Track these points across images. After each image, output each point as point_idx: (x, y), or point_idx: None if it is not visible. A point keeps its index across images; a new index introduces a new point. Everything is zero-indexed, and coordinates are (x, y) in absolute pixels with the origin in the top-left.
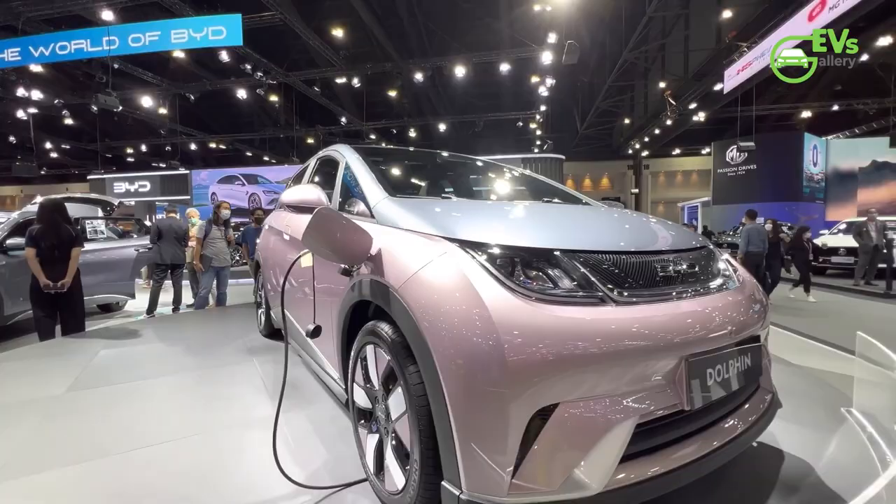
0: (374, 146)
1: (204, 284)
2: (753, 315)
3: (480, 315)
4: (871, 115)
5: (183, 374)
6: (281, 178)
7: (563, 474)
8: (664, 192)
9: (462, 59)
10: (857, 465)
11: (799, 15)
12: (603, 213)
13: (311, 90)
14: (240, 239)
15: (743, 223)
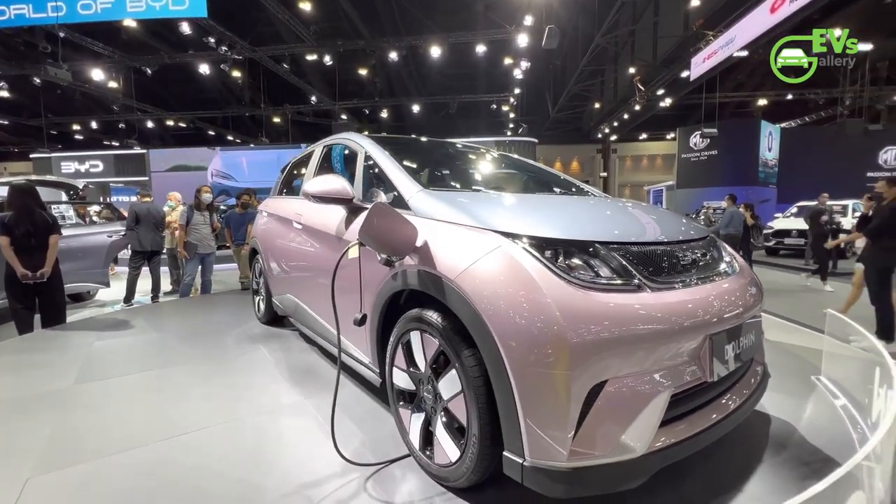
0: (387, 136)
1: (188, 272)
2: (755, 295)
3: (541, 303)
4: (821, 105)
5: (192, 364)
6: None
7: (613, 440)
8: (631, 175)
9: (436, 38)
10: (830, 424)
11: (761, 7)
12: (625, 206)
13: (279, 67)
14: (223, 224)
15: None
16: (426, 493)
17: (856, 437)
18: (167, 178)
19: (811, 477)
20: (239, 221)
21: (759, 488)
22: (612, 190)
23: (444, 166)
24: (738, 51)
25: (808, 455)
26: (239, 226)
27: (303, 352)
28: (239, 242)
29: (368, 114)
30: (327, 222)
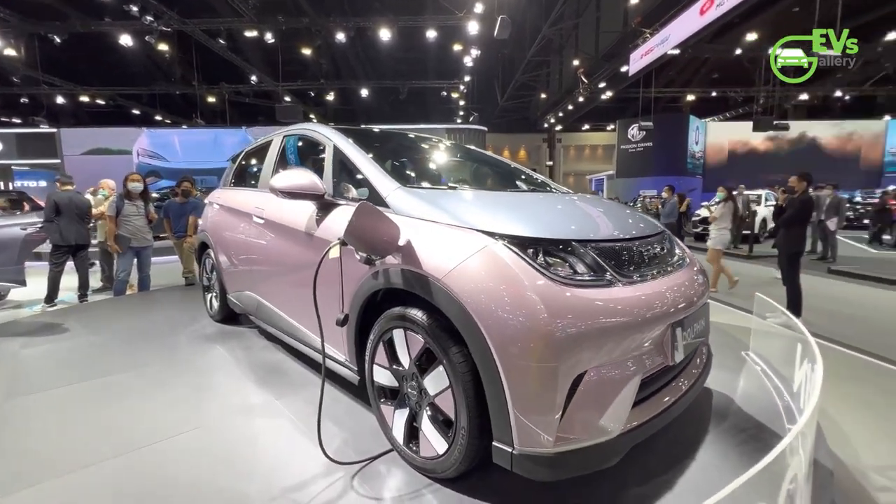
0: (352, 127)
1: (122, 267)
2: (703, 283)
3: (529, 300)
4: (740, 102)
5: (142, 369)
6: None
7: (592, 425)
8: (574, 164)
9: (385, 21)
10: (760, 394)
11: (691, 9)
12: (591, 204)
13: (214, 42)
14: (161, 214)
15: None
16: (413, 485)
17: (780, 405)
18: (85, 162)
19: (750, 442)
20: (179, 211)
21: (708, 456)
22: (557, 178)
23: (412, 160)
24: (671, 49)
25: (744, 423)
26: (179, 216)
27: (265, 350)
28: (180, 234)
29: (314, 96)
30: (295, 218)
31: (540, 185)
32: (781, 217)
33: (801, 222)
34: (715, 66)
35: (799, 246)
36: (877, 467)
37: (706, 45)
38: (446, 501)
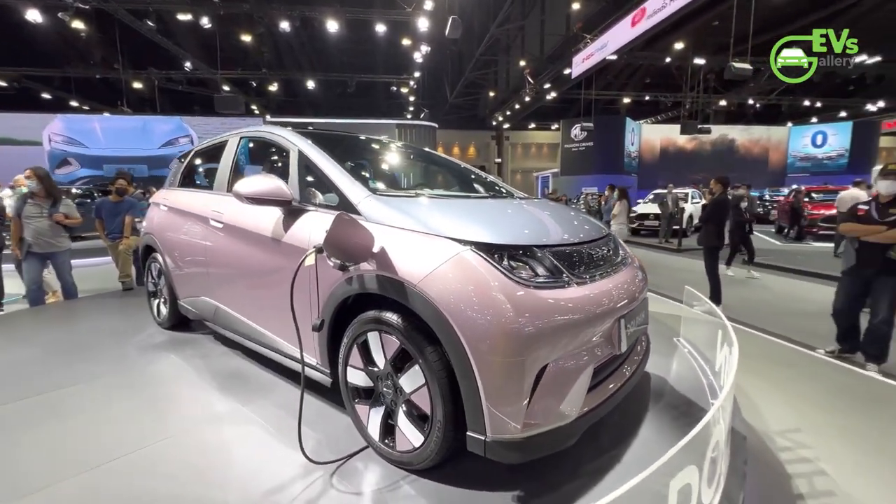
0: (314, 131)
1: (27, 277)
2: (643, 279)
3: (499, 303)
4: (669, 106)
5: (90, 383)
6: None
7: (554, 411)
8: (521, 162)
9: (331, 12)
10: (689, 374)
11: (624, 20)
12: (547, 209)
13: (140, 24)
14: (93, 214)
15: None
16: (391, 478)
17: (705, 383)
18: None
19: (682, 417)
20: (113, 211)
21: (649, 432)
22: (505, 176)
23: (376, 164)
24: (609, 55)
25: (677, 400)
26: (114, 216)
27: (224, 356)
28: (115, 236)
29: (256, 86)
30: (260, 224)
31: (496, 189)
32: (700, 216)
33: (717, 221)
34: (648, 72)
35: (716, 241)
36: (779, 431)
37: (639, 52)
38: (423, 490)
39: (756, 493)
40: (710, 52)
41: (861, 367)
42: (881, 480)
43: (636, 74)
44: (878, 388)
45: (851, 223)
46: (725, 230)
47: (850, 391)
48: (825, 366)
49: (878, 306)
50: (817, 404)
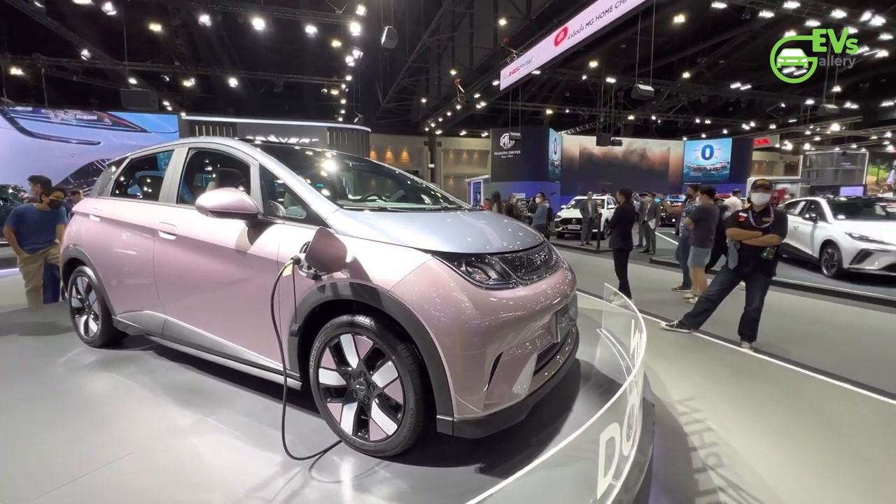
0: (270, 145)
1: None
2: (573, 279)
3: (462, 303)
4: (586, 119)
5: (21, 408)
6: None
7: (507, 391)
8: (454, 168)
9: (256, 9)
10: (610, 359)
11: (547, 39)
12: (492, 221)
13: (25, 4)
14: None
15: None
16: (366, 466)
17: (623, 366)
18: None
19: (606, 393)
20: (39, 221)
21: (581, 406)
22: (438, 181)
23: (330, 176)
24: (534, 70)
25: (601, 380)
26: (40, 227)
27: (173, 371)
28: (38, 247)
29: (169, 81)
30: (221, 236)
31: (448, 202)
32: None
33: (622, 226)
34: (567, 87)
35: (622, 244)
36: (678, 400)
37: (560, 69)
38: (398, 472)
39: (661, 446)
40: (620, 71)
41: (737, 345)
42: (755, 431)
43: (557, 88)
44: (750, 362)
45: (735, 228)
46: (632, 234)
47: (731, 365)
48: (713, 347)
49: (753, 297)
50: (706, 377)
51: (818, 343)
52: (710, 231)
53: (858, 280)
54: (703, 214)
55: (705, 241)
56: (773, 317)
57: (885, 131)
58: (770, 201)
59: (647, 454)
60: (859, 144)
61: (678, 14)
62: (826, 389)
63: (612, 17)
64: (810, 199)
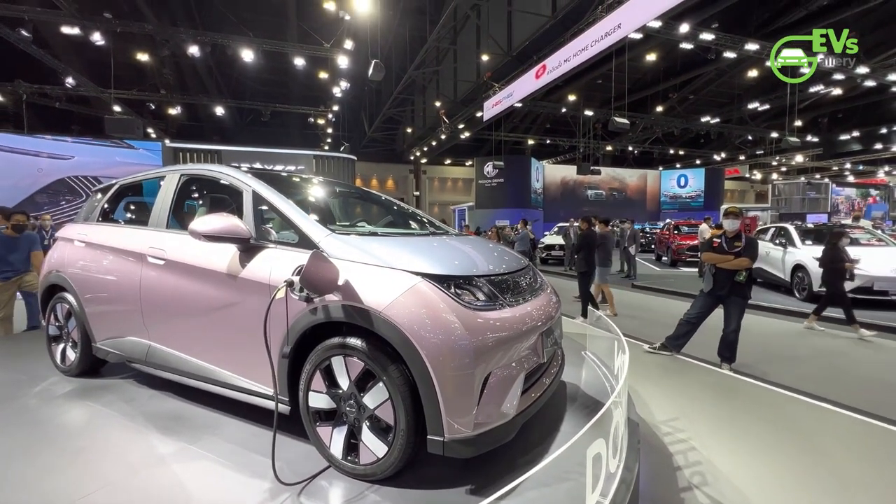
0: (263, 171)
1: None
2: (557, 302)
3: (452, 324)
4: (567, 149)
5: (3, 437)
6: None
7: (496, 411)
8: (439, 195)
9: (244, 41)
10: (595, 380)
11: (528, 74)
12: (478, 245)
13: (11, 32)
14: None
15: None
16: (356, 490)
17: (608, 387)
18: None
19: (593, 413)
20: (9, 246)
21: (568, 426)
22: (424, 208)
23: (320, 202)
24: (516, 102)
25: (587, 400)
26: (10, 252)
27: (154, 399)
28: (8, 275)
29: (154, 108)
30: (213, 260)
31: (434, 226)
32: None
33: (586, 251)
34: (547, 118)
35: (585, 268)
36: (662, 421)
37: (540, 101)
38: (388, 496)
39: (647, 465)
40: (597, 104)
41: (717, 367)
42: (737, 450)
43: (538, 120)
44: (730, 382)
45: (709, 253)
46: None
47: (712, 386)
48: (694, 368)
49: (730, 319)
50: (689, 397)
51: (794, 364)
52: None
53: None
54: (583, 241)
55: (606, 261)
56: (750, 338)
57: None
58: (741, 227)
59: (634, 472)
60: (822, 174)
61: (649, 53)
62: (804, 408)
63: (587, 55)
64: (779, 225)
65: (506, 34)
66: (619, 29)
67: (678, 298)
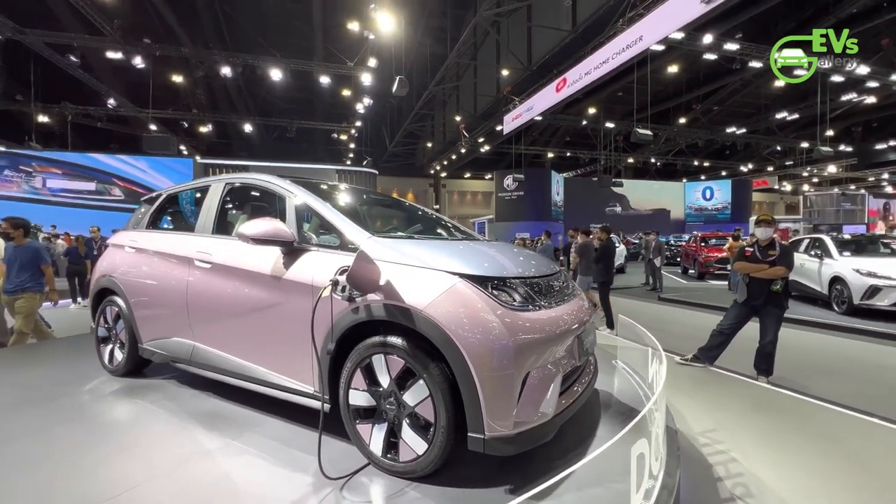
0: (305, 180)
1: None
2: (590, 308)
3: (492, 323)
4: (587, 162)
5: (58, 430)
6: None
7: (536, 410)
8: (458, 208)
9: (273, 62)
10: (629, 389)
11: (549, 87)
12: (509, 249)
13: (61, 58)
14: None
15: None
16: (396, 486)
17: (641, 394)
18: None
19: (628, 419)
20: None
21: (604, 431)
22: None
23: (357, 210)
24: (536, 116)
25: (621, 407)
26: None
27: (195, 398)
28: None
29: (187, 126)
30: (257, 263)
31: (465, 233)
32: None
33: (605, 261)
34: (567, 131)
35: (605, 277)
36: (699, 432)
37: (560, 114)
38: (429, 493)
39: (687, 475)
40: (618, 117)
41: (753, 379)
42: (781, 462)
43: (558, 133)
44: (768, 395)
45: (742, 262)
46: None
47: (749, 398)
48: (729, 380)
49: (766, 331)
50: (726, 409)
51: (837, 378)
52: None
53: (870, 316)
54: (603, 252)
55: (587, 270)
56: (787, 352)
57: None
58: (776, 236)
59: (675, 478)
60: (857, 185)
61: (671, 64)
62: (852, 423)
63: (608, 67)
64: (814, 236)
65: (525, 49)
66: (640, 41)
67: (707, 311)
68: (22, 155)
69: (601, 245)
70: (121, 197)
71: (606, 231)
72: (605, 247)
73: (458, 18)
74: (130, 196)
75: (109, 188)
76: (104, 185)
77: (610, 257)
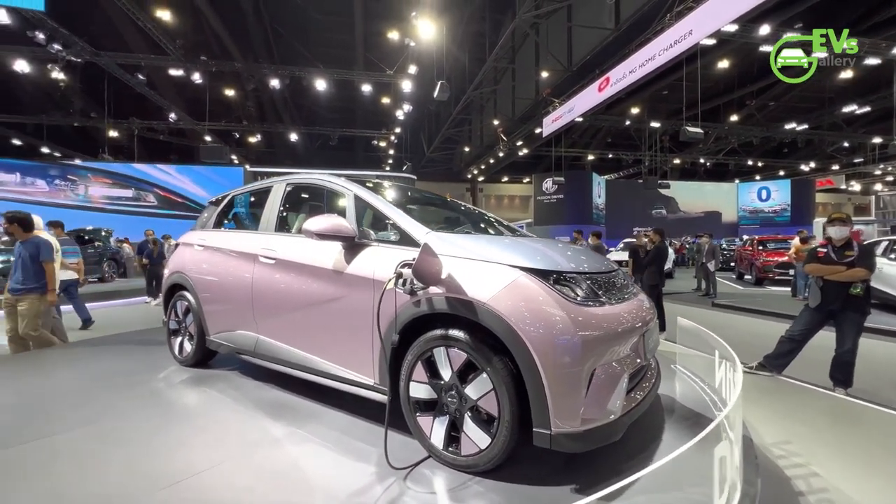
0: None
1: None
2: (651, 307)
3: (557, 317)
4: (630, 164)
5: (129, 415)
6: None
7: (603, 409)
8: (495, 212)
9: (318, 73)
10: (693, 393)
11: (591, 87)
12: (568, 247)
13: (130, 77)
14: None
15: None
16: (459, 479)
17: (707, 399)
18: None
19: (695, 426)
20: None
21: (670, 435)
22: None
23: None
24: (576, 117)
25: (685, 412)
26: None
27: (259, 389)
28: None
29: (238, 137)
30: (320, 258)
31: (509, 229)
32: (644, 259)
33: (658, 264)
34: (609, 132)
35: (657, 280)
36: (773, 444)
37: (601, 115)
38: (492, 487)
39: (765, 487)
40: (664, 116)
41: (829, 390)
42: (870, 479)
43: (599, 134)
44: (848, 407)
45: (815, 264)
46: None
47: (825, 410)
48: (800, 391)
49: (844, 338)
50: (800, 421)
51: None
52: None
53: None
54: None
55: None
56: (866, 363)
57: None
58: (852, 236)
59: (756, 486)
60: None
61: (722, 59)
62: None
63: (655, 64)
64: (894, 238)
65: (566, 50)
66: (690, 35)
67: (767, 318)
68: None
69: (655, 247)
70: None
71: (660, 234)
72: (659, 249)
73: (497, 22)
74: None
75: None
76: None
77: (662, 260)
